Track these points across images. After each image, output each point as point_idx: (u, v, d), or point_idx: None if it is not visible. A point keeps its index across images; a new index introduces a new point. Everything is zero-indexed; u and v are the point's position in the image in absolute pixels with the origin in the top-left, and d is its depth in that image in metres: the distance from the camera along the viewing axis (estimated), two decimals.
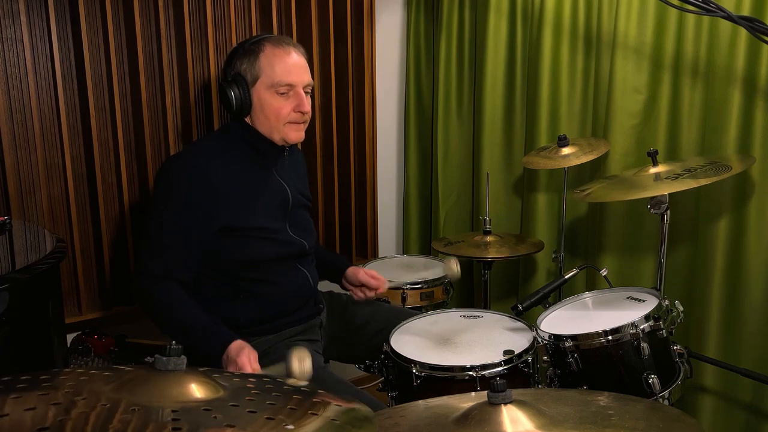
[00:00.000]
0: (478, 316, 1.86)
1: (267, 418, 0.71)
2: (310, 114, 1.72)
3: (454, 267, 1.91)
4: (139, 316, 2.08)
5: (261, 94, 1.66)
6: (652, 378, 1.51)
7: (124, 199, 2.00)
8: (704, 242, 2.03)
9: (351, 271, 1.92)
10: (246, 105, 1.66)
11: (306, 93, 1.70)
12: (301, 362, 1.28)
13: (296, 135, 1.72)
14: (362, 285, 1.89)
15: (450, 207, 2.84)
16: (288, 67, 1.65)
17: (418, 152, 2.94)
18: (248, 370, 1.44)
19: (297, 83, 1.67)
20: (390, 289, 2.05)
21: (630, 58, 2.12)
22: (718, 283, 1.98)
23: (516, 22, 2.48)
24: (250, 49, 1.66)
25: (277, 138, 1.70)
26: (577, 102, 2.36)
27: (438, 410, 1.04)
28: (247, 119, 1.70)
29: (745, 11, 1.85)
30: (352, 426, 0.75)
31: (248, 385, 0.82)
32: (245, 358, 1.47)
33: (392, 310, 1.95)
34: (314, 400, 0.81)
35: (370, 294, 1.88)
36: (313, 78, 1.75)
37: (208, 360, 1.51)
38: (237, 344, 1.51)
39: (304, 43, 2.34)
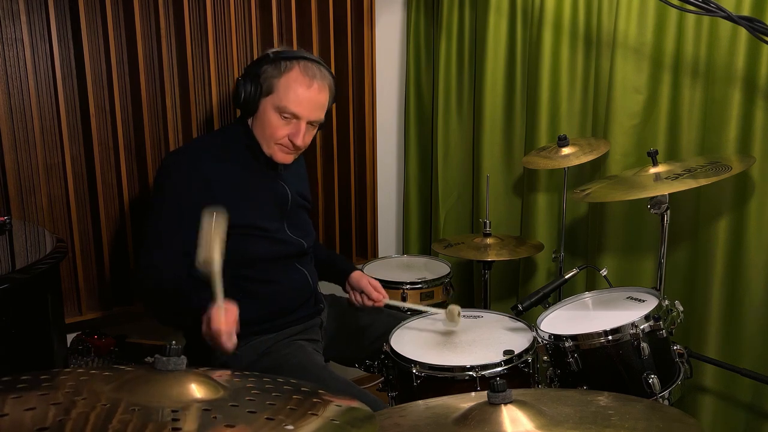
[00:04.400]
0: (478, 316, 1.86)
1: (267, 419, 0.71)
2: (303, 148, 1.72)
3: (456, 316, 1.77)
4: (139, 316, 2.09)
5: (266, 107, 1.66)
6: (652, 378, 1.51)
7: (124, 199, 2.00)
8: (704, 242, 2.03)
9: (356, 275, 1.93)
10: (251, 108, 1.67)
11: (312, 125, 1.71)
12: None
13: (282, 157, 1.72)
14: (363, 292, 1.90)
15: (450, 207, 2.84)
16: (300, 99, 1.65)
17: (418, 152, 2.94)
18: (224, 339, 1.39)
19: (303, 116, 1.67)
20: (390, 288, 2.06)
21: (630, 58, 2.12)
22: (718, 283, 1.98)
23: (516, 22, 2.48)
24: (280, 63, 1.65)
25: (266, 151, 1.71)
26: (577, 102, 2.36)
27: (438, 410, 1.04)
28: (249, 122, 1.72)
29: (745, 11, 1.85)
30: (352, 426, 0.75)
31: (248, 385, 0.82)
32: (216, 326, 1.39)
33: (393, 316, 1.95)
34: (314, 400, 0.81)
35: (368, 303, 1.89)
36: None
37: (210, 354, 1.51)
38: (206, 316, 1.42)
39: (304, 43, 2.35)
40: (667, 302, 1.64)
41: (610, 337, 1.54)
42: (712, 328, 2.00)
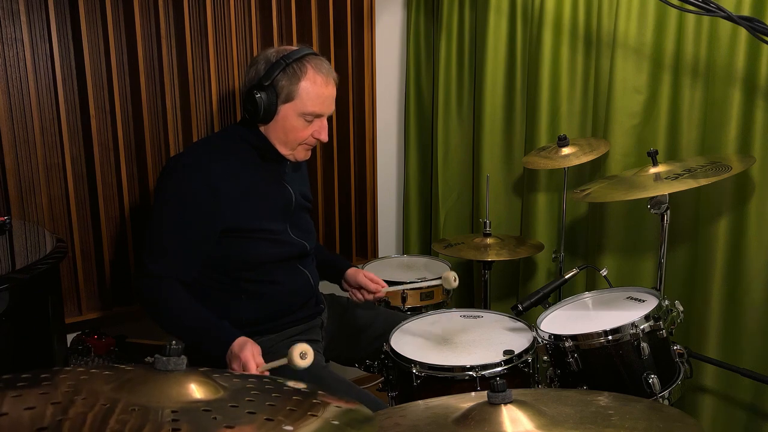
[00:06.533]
0: (478, 316, 1.86)
1: (266, 419, 0.71)
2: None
3: (452, 281, 1.78)
4: (139, 316, 2.09)
5: (288, 113, 1.66)
6: (652, 378, 1.51)
7: (124, 199, 2.00)
8: (704, 242, 2.03)
9: (351, 272, 1.92)
10: (269, 116, 1.66)
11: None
12: (303, 358, 1.30)
13: (305, 155, 1.75)
14: (361, 287, 1.89)
15: (450, 207, 2.84)
16: (323, 99, 1.67)
17: (418, 152, 2.94)
18: (252, 365, 1.44)
19: (325, 114, 1.70)
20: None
21: (630, 58, 2.12)
22: (718, 283, 1.98)
23: (516, 22, 2.48)
24: (292, 69, 1.64)
25: (285, 153, 1.72)
26: (577, 102, 2.36)
27: (438, 410, 1.04)
28: (261, 127, 1.70)
29: (745, 11, 1.85)
30: (351, 427, 0.75)
31: (248, 386, 0.82)
32: (249, 353, 1.47)
33: (393, 315, 1.95)
34: (314, 401, 0.81)
35: (368, 297, 1.89)
36: None
37: (210, 358, 1.51)
38: (240, 340, 1.51)
39: (304, 44, 2.33)
40: (667, 302, 1.64)
41: (610, 337, 1.54)
42: (712, 328, 2.00)
